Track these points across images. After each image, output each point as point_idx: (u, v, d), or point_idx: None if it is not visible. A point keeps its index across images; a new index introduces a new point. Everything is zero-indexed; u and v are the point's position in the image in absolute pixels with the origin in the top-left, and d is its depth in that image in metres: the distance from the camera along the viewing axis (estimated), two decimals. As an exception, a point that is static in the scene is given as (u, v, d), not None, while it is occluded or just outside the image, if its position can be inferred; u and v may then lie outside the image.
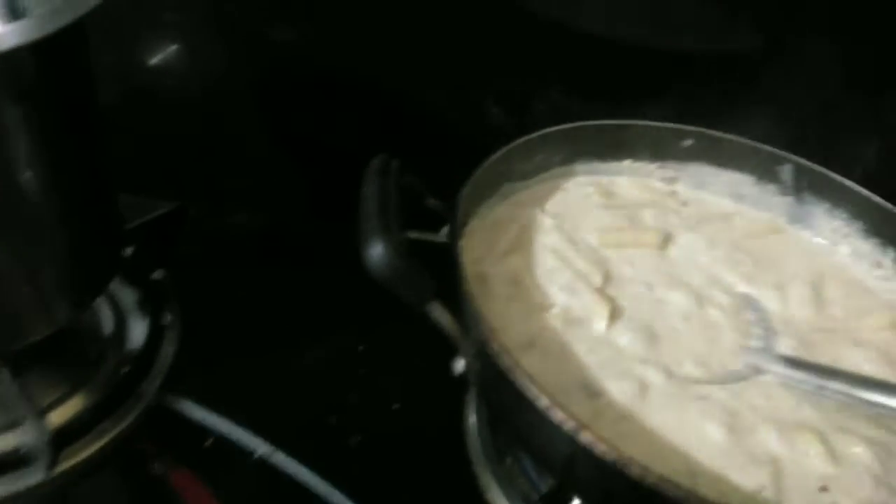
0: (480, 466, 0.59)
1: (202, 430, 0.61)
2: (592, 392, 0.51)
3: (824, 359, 0.56)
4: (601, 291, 0.58)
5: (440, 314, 0.47)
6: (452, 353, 0.51)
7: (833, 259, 0.67)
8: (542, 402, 0.43)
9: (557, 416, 0.43)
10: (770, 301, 0.61)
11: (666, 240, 0.65)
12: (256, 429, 0.60)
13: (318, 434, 0.62)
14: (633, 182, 0.71)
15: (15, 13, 0.43)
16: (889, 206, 0.65)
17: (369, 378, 0.65)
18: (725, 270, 0.63)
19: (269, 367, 0.65)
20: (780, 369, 0.54)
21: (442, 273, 0.49)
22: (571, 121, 0.68)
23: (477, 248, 0.60)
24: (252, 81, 0.82)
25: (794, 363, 0.54)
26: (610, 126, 0.69)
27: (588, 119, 0.71)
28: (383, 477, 0.60)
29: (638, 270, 0.62)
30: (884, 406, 0.51)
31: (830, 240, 0.68)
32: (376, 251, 0.44)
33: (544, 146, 0.66)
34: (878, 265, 0.66)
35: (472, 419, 0.62)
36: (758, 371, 0.54)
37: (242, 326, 0.68)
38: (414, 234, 0.51)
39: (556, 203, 0.67)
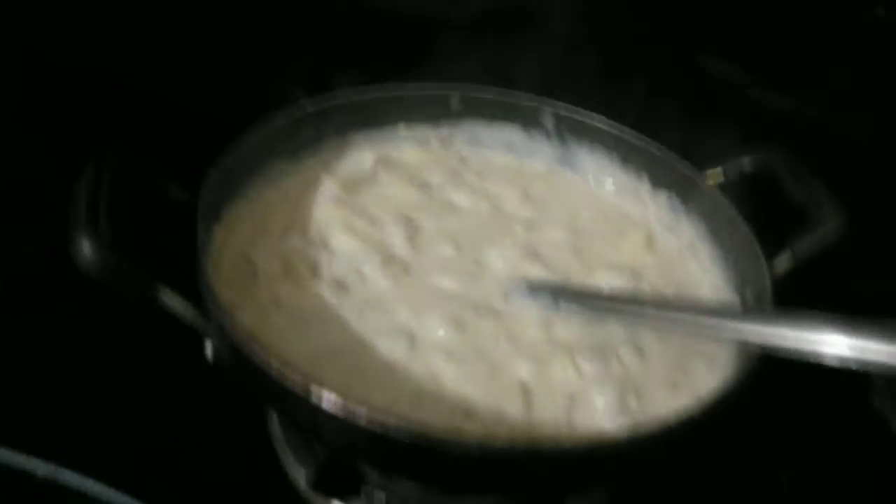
0: (279, 445, 0.60)
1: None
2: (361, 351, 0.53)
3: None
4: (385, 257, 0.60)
5: (173, 302, 0.47)
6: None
7: (599, 194, 0.72)
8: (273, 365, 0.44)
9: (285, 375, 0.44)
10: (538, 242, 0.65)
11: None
12: (41, 453, 0.58)
13: (108, 448, 0.60)
14: (412, 148, 0.74)
15: None
16: (633, 137, 0.70)
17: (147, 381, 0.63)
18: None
19: (49, 393, 0.62)
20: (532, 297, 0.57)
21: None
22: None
23: (246, 232, 0.60)
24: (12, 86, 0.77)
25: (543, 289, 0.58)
26: (379, 97, 0.71)
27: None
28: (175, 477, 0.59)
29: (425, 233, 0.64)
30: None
31: (595, 177, 0.73)
32: (82, 249, 0.43)
33: (307, 121, 0.67)
34: (636, 193, 0.71)
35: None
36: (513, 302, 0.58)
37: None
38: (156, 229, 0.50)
39: (333, 176, 0.68)
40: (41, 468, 0.56)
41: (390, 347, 0.53)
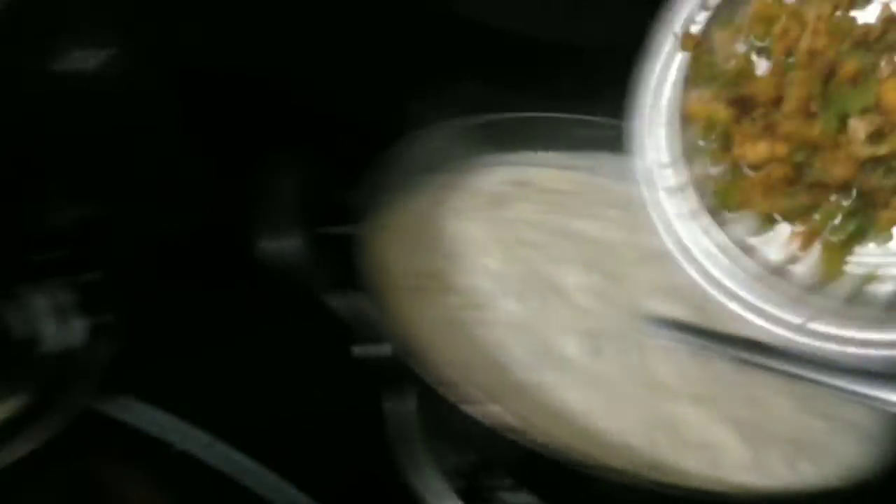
0: (401, 449, 0.62)
1: (139, 430, 0.62)
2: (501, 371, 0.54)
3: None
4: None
5: (340, 303, 0.49)
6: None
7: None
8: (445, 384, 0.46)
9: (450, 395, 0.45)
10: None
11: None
12: (193, 424, 0.62)
13: (256, 425, 0.64)
14: (552, 173, 0.74)
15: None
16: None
17: (300, 369, 0.66)
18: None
19: (205, 362, 0.66)
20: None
21: (347, 266, 0.52)
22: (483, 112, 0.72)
23: (387, 240, 0.62)
24: (169, 82, 0.83)
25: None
26: (522, 118, 0.73)
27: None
28: (318, 462, 0.61)
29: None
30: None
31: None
32: (275, 243, 0.46)
33: (455, 137, 0.69)
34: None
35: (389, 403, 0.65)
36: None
37: (179, 324, 0.69)
38: (323, 229, 0.53)
39: (471, 194, 0.69)
40: (199, 440, 0.60)
41: (523, 366, 0.54)
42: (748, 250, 0.55)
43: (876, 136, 0.43)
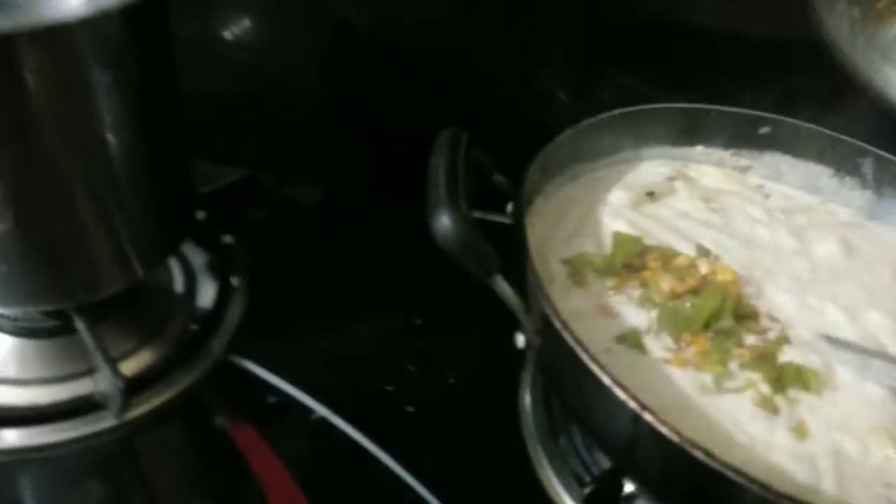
0: (533, 444, 0.60)
1: (265, 390, 0.63)
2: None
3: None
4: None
5: (504, 288, 0.47)
6: (510, 328, 0.51)
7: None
8: (606, 379, 0.43)
9: (621, 394, 0.43)
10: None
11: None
12: (315, 393, 0.62)
13: (375, 402, 0.63)
14: (710, 170, 0.70)
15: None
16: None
17: (427, 351, 0.66)
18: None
19: (330, 335, 0.67)
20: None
21: (504, 252, 0.49)
22: (637, 104, 0.68)
23: (541, 229, 0.60)
24: (324, 58, 0.83)
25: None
26: (682, 110, 0.68)
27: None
28: (436, 448, 0.61)
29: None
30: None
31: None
32: (444, 222, 0.44)
33: (613, 128, 0.65)
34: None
35: (527, 397, 0.63)
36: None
37: (306, 295, 0.69)
38: (479, 214, 0.50)
39: (626, 186, 0.66)
40: (320, 410, 0.59)
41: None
42: None
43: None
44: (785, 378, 0.50)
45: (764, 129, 0.68)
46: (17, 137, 0.46)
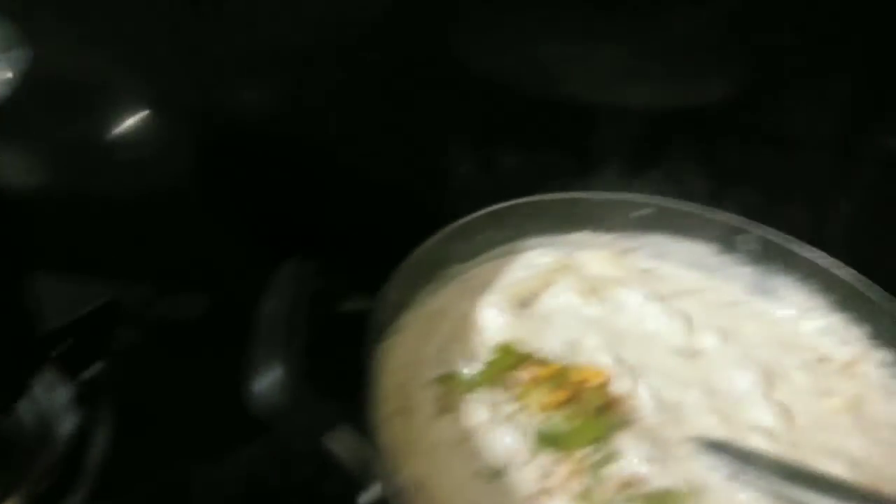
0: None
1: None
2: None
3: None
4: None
5: (339, 449, 0.43)
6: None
7: (798, 333, 0.63)
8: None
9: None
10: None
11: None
12: None
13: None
14: (596, 255, 0.68)
15: None
16: (855, 280, 0.60)
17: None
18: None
19: (206, 473, 0.62)
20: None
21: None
22: (534, 181, 0.66)
23: (406, 348, 0.56)
24: (208, 154, 0.79)
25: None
26: (560, 200, 0.66)
27: (551, 179, 0.69)
28: None
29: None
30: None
31: (796, 312, 0.64)
32: (262, 383, 0.40)
33: (483, 227, 0.63)
34: (845, 342, 0.61)
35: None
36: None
37: (181, 427, 0.64)
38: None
39: (502, 287, 0.63)
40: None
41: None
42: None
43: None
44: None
45: (644, 212, 0.67)
46: None
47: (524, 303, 0.62)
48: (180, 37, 0.70)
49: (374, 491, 0.44)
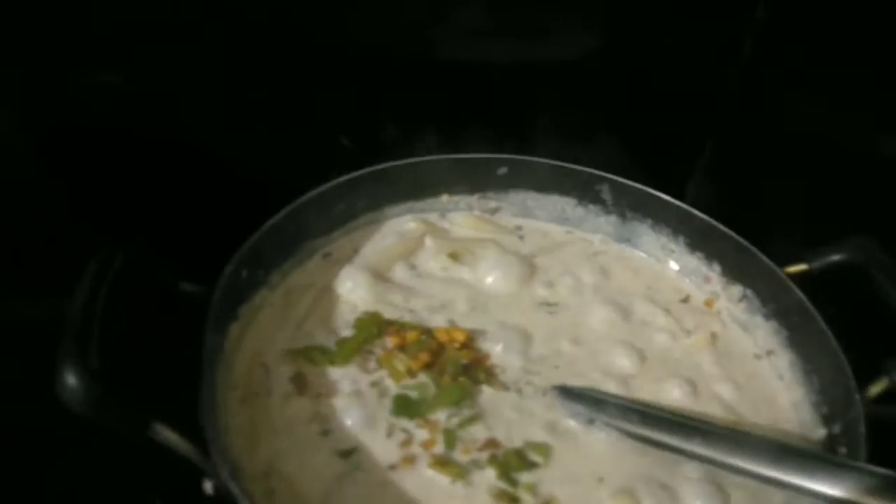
0: None
1: None
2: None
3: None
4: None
5: (170, 437, 0.41)
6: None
7: (663, 275, 0.65)
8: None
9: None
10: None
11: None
12: None
13: None
14: (462, 217, 0.67)
15: None
16: (708, 218, 0.62)
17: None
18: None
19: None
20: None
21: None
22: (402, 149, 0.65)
23: (262, 327, 0.55)
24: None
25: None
26: (417, 164, 0.65)
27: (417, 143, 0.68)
28: None
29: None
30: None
31: (657, 256, 0.65)
32: (69, 383, 0.38)
33: (341, 196, 0.61)
34: (707, 280, 0.64)
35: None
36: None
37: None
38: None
39: (364, 256, 0.62)
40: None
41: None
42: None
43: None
44: (511, 467, 0.48)
45: (502, 170, 0.67)
46: None
47: (389, 270, 0.61)
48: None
49: (220, 476, 0.42)
